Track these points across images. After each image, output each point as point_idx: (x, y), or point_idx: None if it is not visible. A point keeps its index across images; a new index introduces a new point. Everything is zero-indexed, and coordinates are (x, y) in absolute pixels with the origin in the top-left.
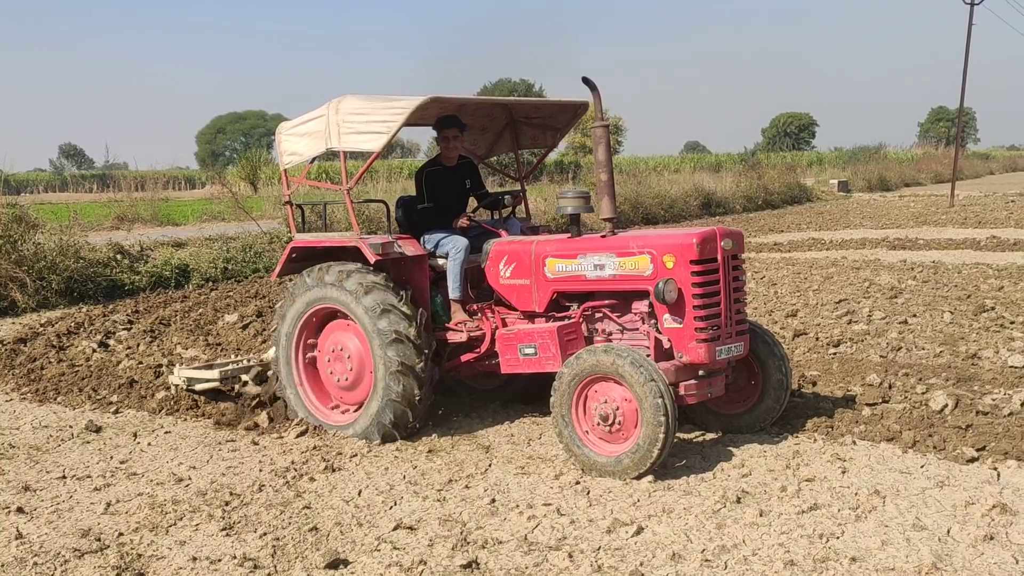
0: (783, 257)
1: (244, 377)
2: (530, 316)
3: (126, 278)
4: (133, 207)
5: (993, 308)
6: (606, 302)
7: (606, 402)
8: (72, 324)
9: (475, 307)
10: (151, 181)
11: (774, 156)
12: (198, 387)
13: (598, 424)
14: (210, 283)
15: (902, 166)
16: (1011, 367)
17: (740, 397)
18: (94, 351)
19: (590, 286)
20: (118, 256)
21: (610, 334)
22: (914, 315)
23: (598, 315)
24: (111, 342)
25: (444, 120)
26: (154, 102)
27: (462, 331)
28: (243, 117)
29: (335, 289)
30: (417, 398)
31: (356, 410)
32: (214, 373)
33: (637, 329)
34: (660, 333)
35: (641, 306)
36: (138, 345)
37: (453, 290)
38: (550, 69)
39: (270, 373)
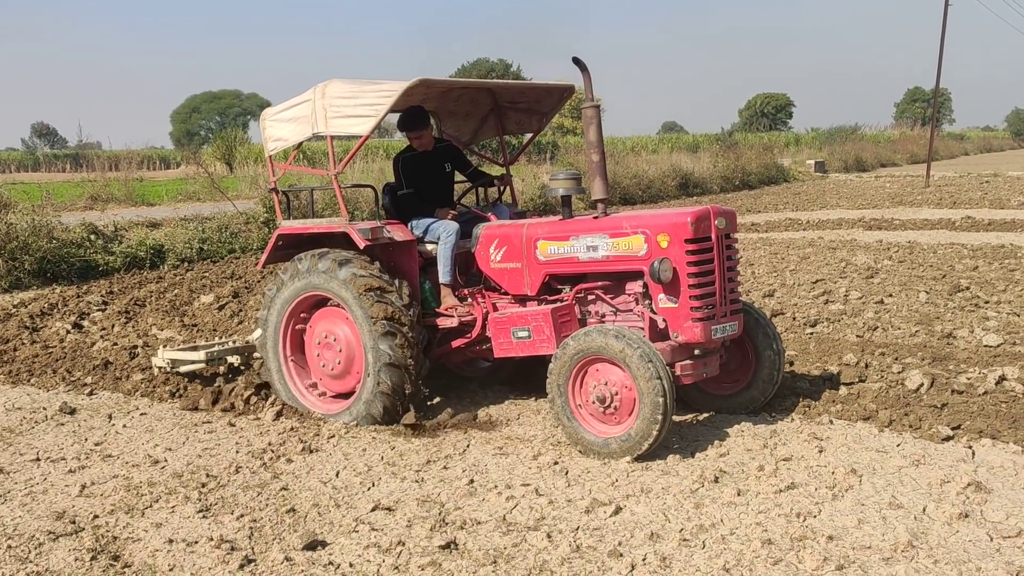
0: (760, 237)
1: (230, 359)
2: (521, 300)
3: (100, 259)
4: (107, 187)
5: (968, 288)
6: (599, 284)
7: (606, 384)
8: (46, 305)
9: (465, 292)
10: (125, 161)
11: (751, 137)
12: (183, 369)
13: (593, 402)
14: (185, 264)
15: (878, 147)
16: (985, 346)
17: (730, 379)
18: (68, 332)
19: (583, 268)
20: (92, 236)
21: (603, 316)
22: (890, 295)
23: (591, 297)
24: (85, 323)
25: (405, 123)
26: (128, 81)
27: (453, 316)
28: (218, 96)
29: (328, 278)
30: (408, 391)
31: (336, 397)
32: (200, 355)
33: (631, 310)
34: (655, 313)
35: (635, 287)
36: (113, 326)
37: (444, 275)
38: (526, 50)
39: (255, 355)
